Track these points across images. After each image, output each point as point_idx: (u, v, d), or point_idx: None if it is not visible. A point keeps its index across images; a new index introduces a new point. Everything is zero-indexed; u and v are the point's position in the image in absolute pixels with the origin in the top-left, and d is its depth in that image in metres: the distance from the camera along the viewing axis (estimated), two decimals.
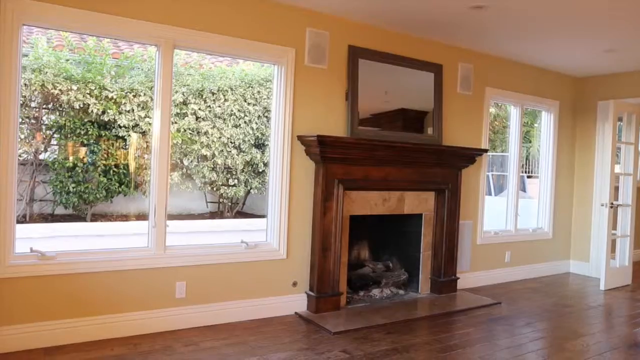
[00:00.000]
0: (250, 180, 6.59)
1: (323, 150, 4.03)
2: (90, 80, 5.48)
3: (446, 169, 4.90)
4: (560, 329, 4.20)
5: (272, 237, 4.14)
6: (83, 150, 5.58)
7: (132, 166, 5.92)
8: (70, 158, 5.49)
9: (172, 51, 3.66)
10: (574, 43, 4.87)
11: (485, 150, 5.14)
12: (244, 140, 6.41)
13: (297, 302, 4.22)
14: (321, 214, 4.16)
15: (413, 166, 4.67)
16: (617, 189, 5.82)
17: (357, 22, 4.43)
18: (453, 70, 5.11)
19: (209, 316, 3.82)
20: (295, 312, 4.18)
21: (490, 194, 7.52)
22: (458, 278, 5.06)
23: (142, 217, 6.39)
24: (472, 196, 5.36)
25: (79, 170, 5.51)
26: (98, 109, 5.51)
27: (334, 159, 4.16)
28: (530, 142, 8.99)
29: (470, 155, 4.98)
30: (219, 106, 6.23)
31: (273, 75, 4.17)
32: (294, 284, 4.21)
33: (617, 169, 5.94)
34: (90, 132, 5.54)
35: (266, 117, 6.43)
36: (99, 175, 5.61)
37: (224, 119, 6.29)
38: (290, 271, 4.19)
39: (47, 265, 3.26)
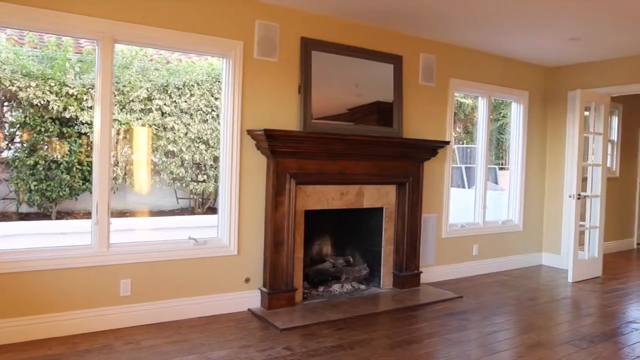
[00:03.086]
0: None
1: (272, 145, 3.97)
2: (50, 77, 5.42)
3: (406, 162, 4.83)
4: (516, 322, 4.14)
5: (222, 233, 4.08)
6: (44, 148, 5.53)
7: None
8: (31, 155, 5.43)
9: (112, 46, 3.58)
10: (537, 32, 4.78)
11: (447, 142, 5.06)
12: (212, 136, 6.34)
13: (250, 299, 4.17)
14: (273, 209, 4.10)
15: (371, 159, 4.60)
16: (586, 180, 5.75)
17: (310, 13, 4.35)
18: (414, 61, 5.03)
19: (156, 314, 3.77)
20: (248, 309, 4.13)
21: (463, 187, 7.43)
22: (421, 272, 5.00)
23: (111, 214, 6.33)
24: (437, 189, 5.30)
25: (41, 168, 5.46)
26: (58, 106, 5.44)
27: (285, 153, 4.09)
28: (510, 133, 8.88)
29: (431, 148, 4.91)
30: (185, 101, 6.15)
31: (221, 69, 4.10)
32: (247, 280, 4.16)
33: (590, 159, 5.87)
34: (51, 129, 5.48)
35: None
36: (62, 172, 5.55)
37: (191, 114, 6.22)
38: (242, 267, 4.14)
39: None
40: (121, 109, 5.84)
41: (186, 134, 6.19)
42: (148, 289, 3.76)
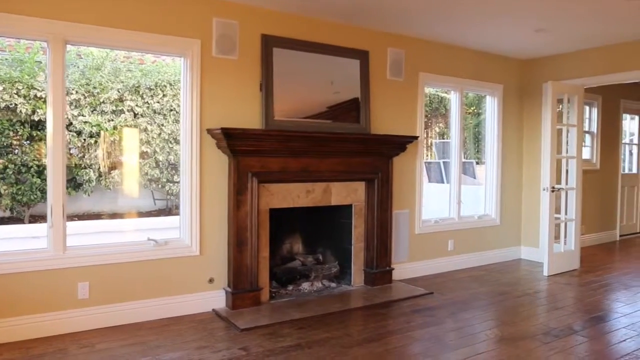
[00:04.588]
0: None
1: (231, 143, 3.93)
2: (18, 80, 5.38)
3: (375, 158, 4.78)
4: (483, 318, 4.09)
5: (184, 233, 4.05)
6: (14, 151, 5.49)
7: (70, 166, 5.82)
8: (0, 159, 5.40)
9: (63, 47, 3.55)
10: (502, 24, 4.74)
11: (416, 137, 5.00)
12: None
13: (215, 299, 4.13)
14: (235, 208, 4.06)
15: (337, 156, 4.56)
16: (565, 172, 5.70)
17: (270, 9, 4.30)
18: (382, 56, 4.98)
19: (115, 316, 3.74)
20: (213, 309, 4.10)
21: (442, 182, 7.39)
22: (393, 269, 4.96)
23: (85, 216, 6.32)
24: (408, 185, 5.25)
25: (10, 172, 5.42)
26: (27, 109, 5.41)
27: (245, 152, 4.05)
28: (485, 127, 8.83)
29: (399, 143, 4.86)
30: (158, 102, 6.11)
31: (180, 68, 4.06)
32: (210, 280, 4.12)
33: (564, 151, 5.81)
34: (20, 133, 5.44)
35: None
36: (32, 176, 5.52)
37: (164, 115, 6.18)
38: (205, 267, 4.10)
39: None
40: (92, 111, 5.80)
41: (159, 134, 6.15)
42: (107, 292, 3.72)
